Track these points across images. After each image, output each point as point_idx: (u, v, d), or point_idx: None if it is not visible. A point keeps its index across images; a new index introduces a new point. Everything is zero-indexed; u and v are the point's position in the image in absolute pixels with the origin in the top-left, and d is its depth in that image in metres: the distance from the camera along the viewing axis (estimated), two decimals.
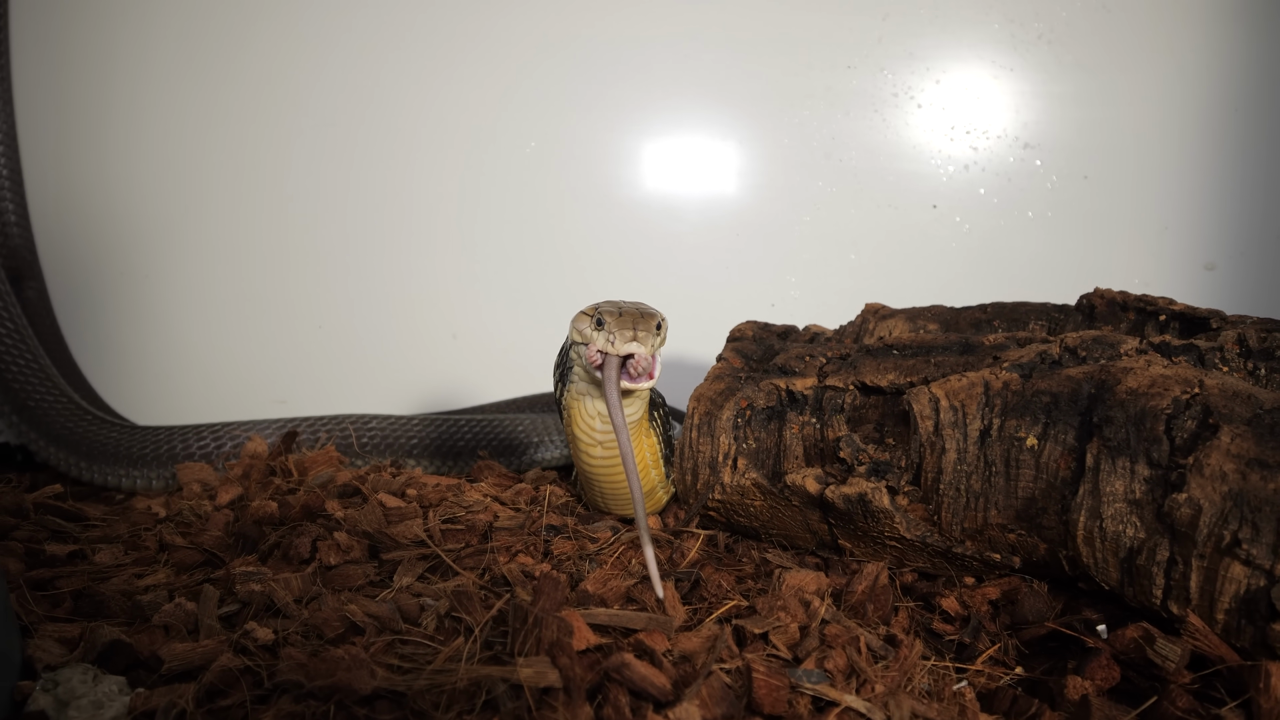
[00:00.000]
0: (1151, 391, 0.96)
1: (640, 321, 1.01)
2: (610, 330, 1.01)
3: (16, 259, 1.81)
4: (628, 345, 0.99)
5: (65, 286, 1.89)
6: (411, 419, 1.66)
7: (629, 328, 1.00)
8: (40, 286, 1.86)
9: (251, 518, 1.18)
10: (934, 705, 0.80)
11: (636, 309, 1.04)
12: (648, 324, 1.01)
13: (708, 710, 0.75)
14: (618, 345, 1.00)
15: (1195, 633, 0.85)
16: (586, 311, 1.06)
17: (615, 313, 1.03)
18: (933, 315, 1.43)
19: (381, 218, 1.93)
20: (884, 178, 1.93)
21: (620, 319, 1.01)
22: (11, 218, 1.81)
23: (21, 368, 1.59)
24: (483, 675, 0.78)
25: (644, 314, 1.03)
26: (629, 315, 1.02)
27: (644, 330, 1.00)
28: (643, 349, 1.00)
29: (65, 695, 0.81)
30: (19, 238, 1.82)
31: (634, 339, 1.00)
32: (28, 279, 1.83)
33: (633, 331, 1.00)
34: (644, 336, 1.00)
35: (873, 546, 1.12)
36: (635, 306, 1.06)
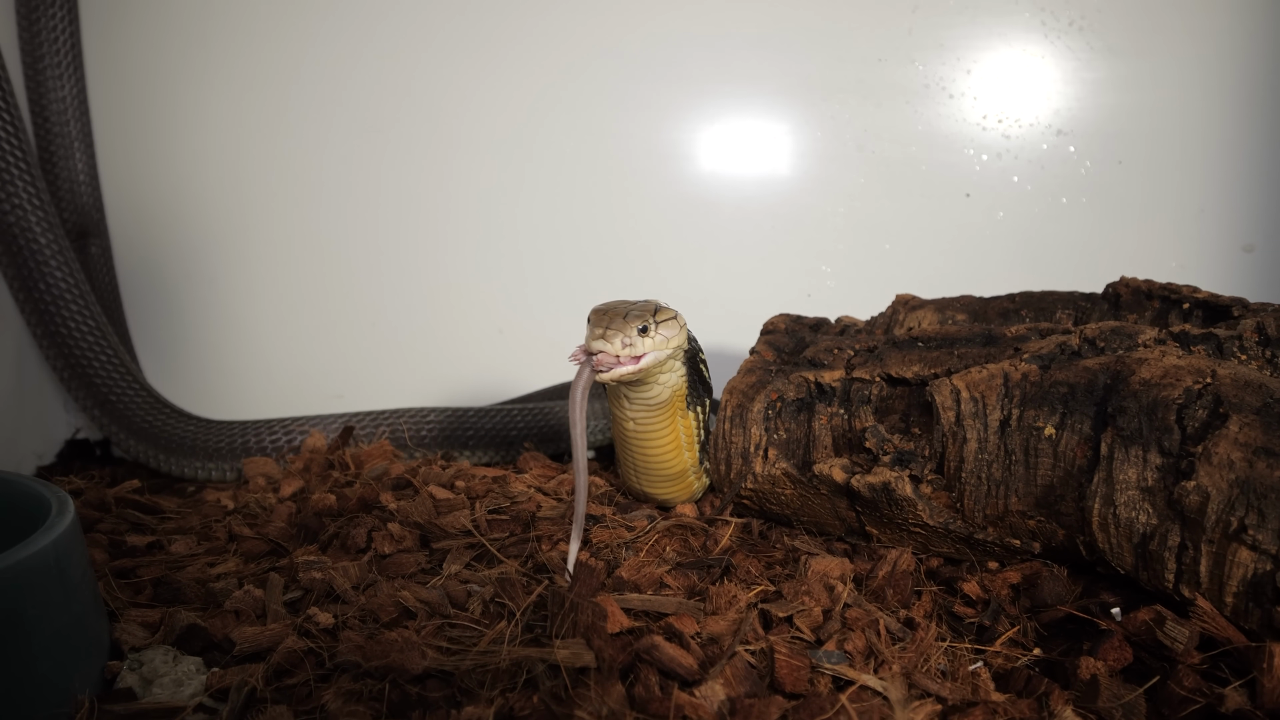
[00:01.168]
0: (1164, 382, 0.99)
1: (614, 320, 1.07)
2: (588, 331, 1.08)
3: (84, 217, 1.89)
4: (593, 343, 1.05)
5: (133, 291, 2.00)
6: (461, 411, 1.73)
7: (601, 326, 1.06)
8: (105, 245, 1.95)
9: (312, 510, 1.26)
10: (948, 684, 0.85)
11: (622, 309, 1.10)
12: (622, 323, 1.06)
13: (732, 688, 0.81)
14: (586, 342, 1.07)
15: (1203, 615, 0.88)
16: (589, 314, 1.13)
17: (601, 312, 1.09)
18: (961, 305, 1.46)
19: (430, 217, 2.01)
20: (917, 168, 1.95)
21: (599, 317, 1.08)
22: (81, 176, 1.90)
23: (103, 363, 1.70)
24: (523, 656, 0.84)
25: (626, 313, 1.08)
26: (606, 314, 1.08)
27: (614, 329, 1.05)
28: (608, 346, 1.05)
29: (149, 674, 0.90)
30: (88, 196, 1.90)
31: (601, 337, 1.05)
32: (93, 237, 1.92)
33: (603, 330, 1.06)
34: (612, 335, 1.05)
35: (898, 533, 1.17)
36: (625, 306, 1.11)
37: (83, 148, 1.89)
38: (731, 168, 1.99)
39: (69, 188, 1.88)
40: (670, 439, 1.23)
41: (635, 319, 1.08)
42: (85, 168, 1.90)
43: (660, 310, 1.13)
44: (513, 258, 2.03)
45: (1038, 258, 1.94)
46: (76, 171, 1.88)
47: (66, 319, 1.66)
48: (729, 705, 0.78)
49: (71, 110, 1.86)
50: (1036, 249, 1.94)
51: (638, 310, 1.10)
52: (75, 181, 1.88)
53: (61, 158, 1.86)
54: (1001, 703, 0.83)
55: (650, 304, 1.14)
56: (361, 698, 0.83)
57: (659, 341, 1.10)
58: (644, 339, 1.08)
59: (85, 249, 1.90)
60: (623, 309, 1.10)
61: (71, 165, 1.88)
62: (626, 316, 1.08)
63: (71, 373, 1.69)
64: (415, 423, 1.70)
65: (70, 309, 1.66)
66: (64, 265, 1.64)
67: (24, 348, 1.77)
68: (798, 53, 1.93)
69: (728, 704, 0.78)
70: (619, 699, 0.78)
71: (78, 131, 1.87)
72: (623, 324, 1.06)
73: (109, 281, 1.95)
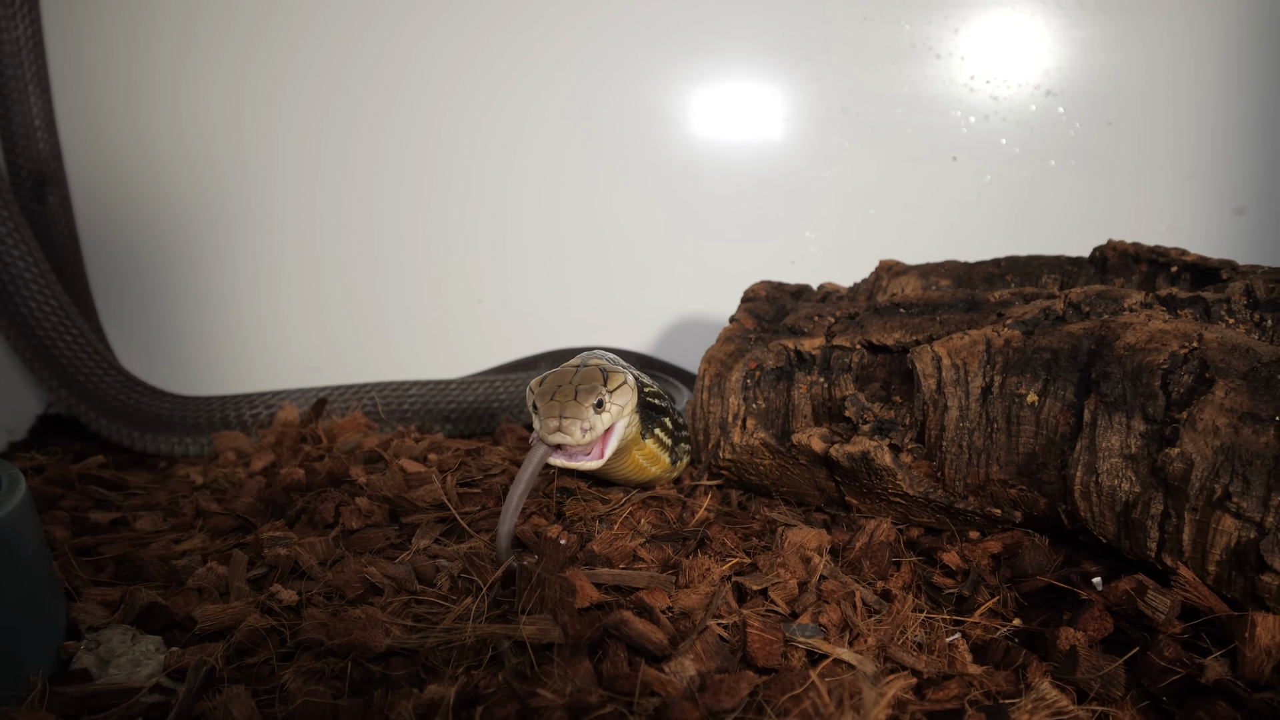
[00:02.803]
0: (1149, 346, 0.96)
1: (567, 405, 0.95)
2: (540, 417, 0.95)
3: (41, 165, 1.81)
4: (552, 436, 0.93)
5: (102, 266, 1.95)
6: (437, 384, 1.70)
7: (554, 415, 0.94)
8: (64, 195, 1.87)
9: (280, 484, 1.23)
10: (923, 657, 0.83)
11: (568, 384, 0.98)
12: (578, 407, 0.95)
13: (702, 664, 0.79)
14: (542, 433, 0.94)
15: (1185, 584, 0.86)
16: (532, 388, 1.01)
17: (547, 395, 0.97)
18: (946, 271, 1.43)
19: (407, 184, 1.96)
20: (903, 130, 1.91)
21: (550, 405, 0.95)
22: (37, 122, 1.81)
23: (68, 343, 1.66)
24: (488, 633, 0.82)
25: (576, 390, 0.97)
26: (561, 399, 0.96)
27: (570, 417, 0.94)
28: (569, 438, 0.93)
29: (106, 654, 0.87)
30: (44, 143, 1.82)
31: (558, 429, 0.93)
32: (51, 186, 1.83)
33: (558, 421, 0.93)
34: (569, 424, 0.93)
35: (878, 503, 1.15)
36: (570, 378, 0.99)
37: (38, 91, 1.80)
38: (714, 131, 1.94)
39: (24, 134, 1.79)
40: (632, 466, 1.14)
41: (587, 394, 0.96)
42: (41, 112, 1.81)
43: (609, 375, 1.00)
44: (492, 226, 1.99)
45: (1026, 222, 1.91)
46: (32, 116, 1.79)
47: (26, 299, 1.60)
48: (698, 681, 0.75)
49: (26, 51, 1.77)
50: (1024, 213, 1.91)
51: (586, 384, 0.98)
52: (30, 127, 1.79)
53: (16, 101, 1.77)
54: (978, 675, 0.81)
55: (594, 369, 1.02)
56: (323, 676, 0.81)
57: (615, 411, 0.98)
58: (601, 415, 0.96)
59: (43, 198, 1.82)
60: (569, 383, 0.98)
61: (27, 110, 1.78)
62: (578, 395, 0.96)
63: (34, 353, 1.64)
64: (391, 396, 1.67)
65: (30, 289, 1.60)
66: (20, 244, 1.59)
67: None
68: (780, 11, 1.88)
69: (697, 679, 0.76)
70: (586, 675, 0.76)
71: (33, 74, 1.78)
72: (576, 407, 0.94)
73: (68, 234, 1.87)
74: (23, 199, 1.80)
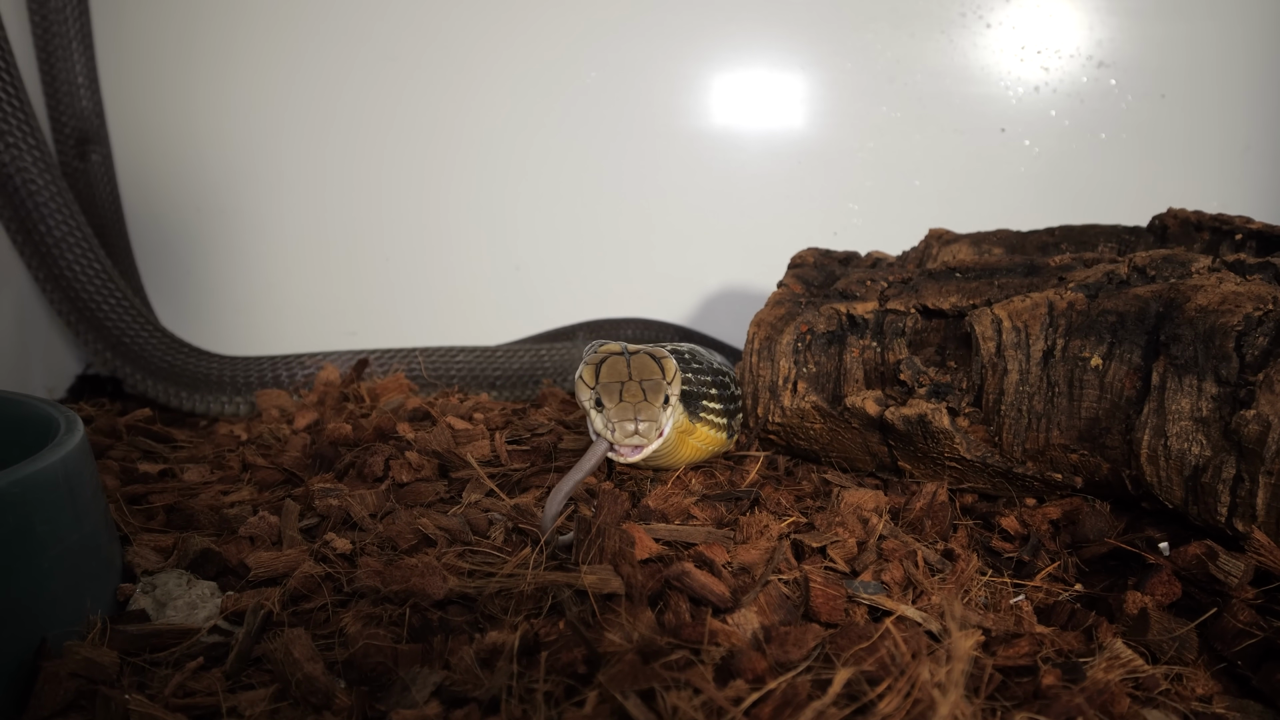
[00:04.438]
0: (1222, 309, 0.94)
1: (640, 406, 0.90)
2: (609, 418, 0.90)
3: (84, 122, 1.81)
4: (628, 440, 0.89)
5: (144, 228, 1.96)
6: (480, 350, 1.69)
7: (629, 419, 0.89)
8: (106, 153, 1.88)
9: (327, 439, 1.23)
10: (990, 616, 0.81)
11: (633, 380, 0.93)
12: (651, 406, 0.91)
13: (765, 616, 0.78)
14: (617, 437, 0.90)
15: (1260, 548, 0.84)
16: (585, 379, 0.95)
17: (615, 395, 0.92)
18: (998, 240, 1.40)
19: (445, 152, 1.95)
20: (950, 101, 1.88)
21: (620, 407, 0.90)
22: (80, 79, 1.81)
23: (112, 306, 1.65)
24: (548, 581, 0.81)
25: (648, 390, 0.92)
26: (630, 400, 0.91)
27: (646, 419, 0.89)
28: (645, 441, 0.89)
29: (163, 597, 0.87)
30: (87, 100, 1.82)
31: (635, 432, 0.89)
32: (94, 144, 1.84)
33: (634, 424, 0.89)
34: (647, 428, 0.89)
35: (932, 468, 1.13)
36: (640, 377, 0.94)
37: (81, 49, 1.80)
38: (757, 101, 1.92)
39: (67, 91, 1.80)
40: (688, 453, 1.09)
41: (655, 392, 0.92)
42: (85, 70, 1.81)
43: (664, 364, 0.97)
44: (531, 193, 1.97)
45: (1074, 196, 1.87)
46: (75, 74, 1.80)
47: (70, 261, 1.60)
48: (764, 632, 0.74)
49: (70, 8, 1.77)
50: (1073, 187, 1.88)
51: (649, 379, 0.94)
52: (74, 84, 1.80)
53: (59, 59, 1.78)
54: (1047, 634, 0.80)
55: (647, 359, 0.97)
56: (381, 622, 0.80)
57: (675, 402, 0.96)
58: (667, 409, 0.93)
59: (85, 156, 1.82)
60: (634, 379, 0.93)
61: (70, 67, 1.79)
62: (646, 393, 0.92)
63: (77, 314, 1.64)
64: (432, 360, 1.66)
65: (73, 251, 1.60)
66: (62, 207, 1.58)
67: (25, 285, 1.73)
68: None
69: (762, 631, 0.75)
70: (649, 624, 0.75)
71: (76, 31, 1.78)
72: (649, 408, 0.90)
73: (110, 193, 1.87)
74: (65, 156, 1.80)
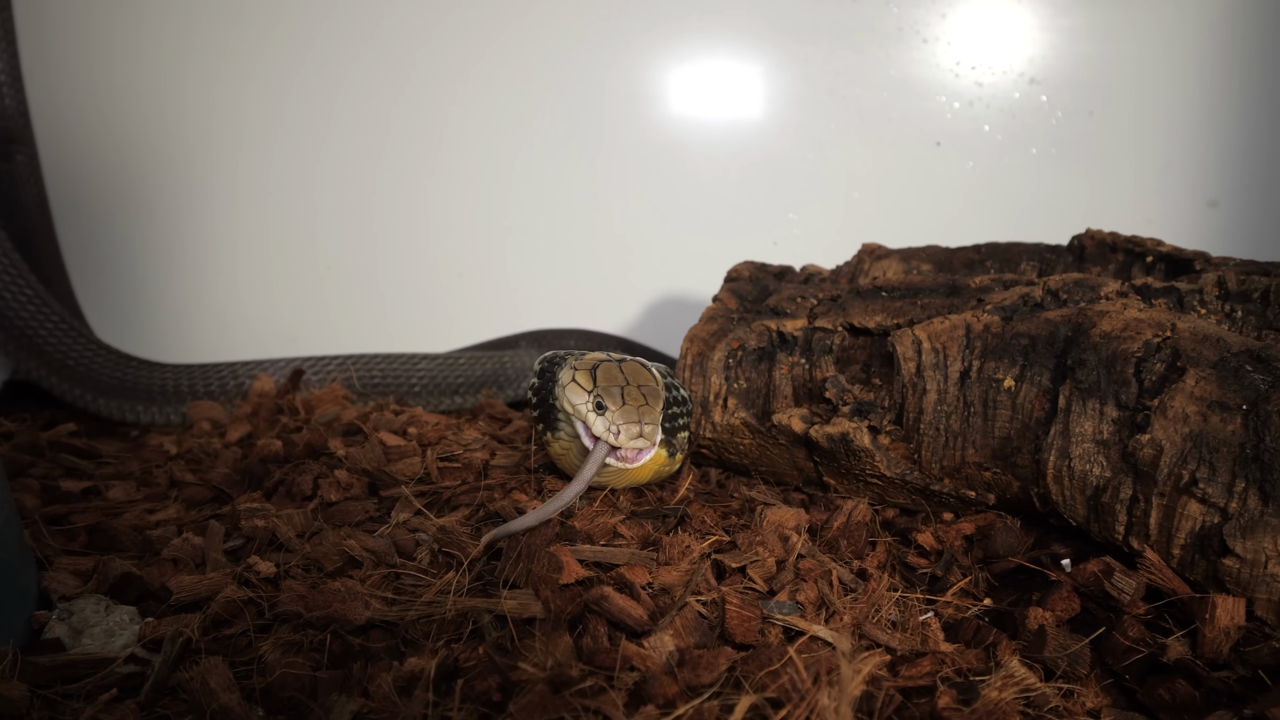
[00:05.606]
0: (1124, 335, 0.97)
1: (646, 411, 0.91)
2: (613, 421, 0.91)
3: (7, 122, 1.75)
4: (633, 442, 0.90)
5: (74, 231, 1.92)
6: (416, 357, 1.69)
7: (634, 420, 0.90)
8: (31, 154, 1.81)
9: (257, 455, 1.23)
10: (897, 634, 0.84)
11: (640, 388, 0.94)
12: (653, 410, 0.92)
13: (681, 639, 0.80)
14: (622, 439, 0.90)
15: (1150, 567, 0.88)
16: (581, 383, 0.95)
17: (618, 398, 0.93)
18: (927, 256, 1.44)
19: (387, 156, 1.94)
20: (888, 114, 1.92)
21: (625, 410, 0.91)
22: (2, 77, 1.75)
23: (32, 312, 1.61)
24: (469, 607, 0.82)
25: (648, 395, 0.93)
26: (633, 403, 0.92)
27: (650, 422, 0.91)
28: (649, 444, 0.91)
29: (79, 624, 0.87)
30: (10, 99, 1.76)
31: (639, 435, 0.90)
32: (18, 144, 1.77)
33: (639, 426, 0.90)
34: (650, 430, 0.90)
35: (855, 483, 1.16)
36: (638, 383, 0.95)
37: (4, 46, 1.75)
38: (699, 112, 1.94)
39: None
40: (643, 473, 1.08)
41: (655, 397, 0.94)
42: (7, 68, 1.75)
43: (654, 371, 0.99)
44: (475, 200, 1.97)
45: (1006, 208, 1.92)
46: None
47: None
48: (678, 656, 0.76)
49: None
50: (1005, 199, 1.93)
51: (648, 385, 0.95)
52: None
53: None
54: (950, 653, 0.83)
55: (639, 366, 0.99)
56: (302, 648, 0.81)
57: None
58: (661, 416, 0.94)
59: (9, 156, 1.76)
60: (635, 385, 0.95)
61: None
62: (647, 398, 0.93)
63: None
64: (368, 368, 1.66)
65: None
66: None
67: None
68: None
69: (676, 654, 0.77)
70: (566, 650, 0.77)
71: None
72: (652, 412, 0.92)
73: (37, 194, 1.82)
74: None
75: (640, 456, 0.92)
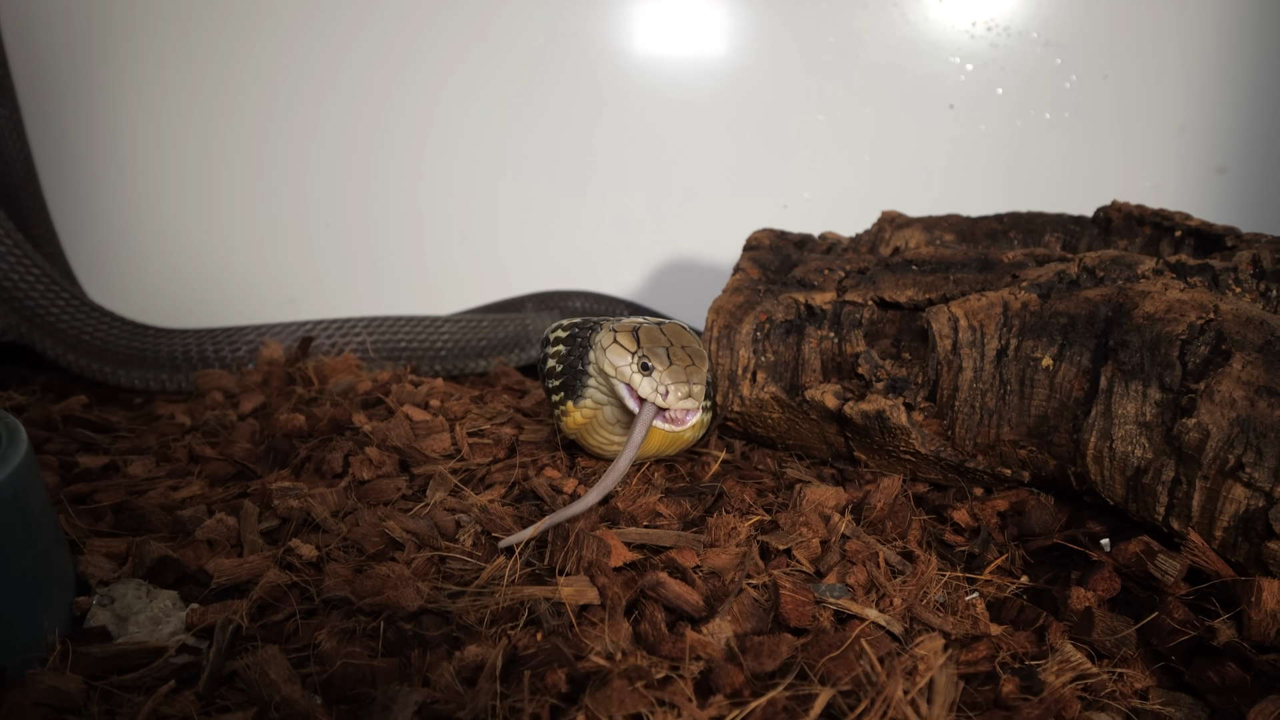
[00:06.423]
0: (1168, 316, 0.98)
1: (693, 371, 0.90)
2: (661, 381, 0.89)
3: None
4: (682, 402, 0.88)
5: (62, 191, 1.85)
6: (439, 320, 1.66)
7: (683, 381, 0.89)
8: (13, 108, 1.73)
9: (280, 430, 1.20)
10: (950, 618, 0.85)
11: (684, 348, 0.93)
12: (700, 370, 0.91)
13: (739, 625, 0.80)
14: (670, 400, 0.89)
15: (1195, 549, 0.89)
16: (624, 344, 0.94)
17: (664, 358, 0.91)
18: (949, 225, 1.43)
19: (389, 115, 1.89)
20: (900, 76, 1.89)
21: (672, 370, 0.90)
22: None
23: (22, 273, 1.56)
24: (525, 594, 0.82)
25: (693, 356, 0.92)
26: (680, 364, 0.90)
27: (697, 382, 0.89)
28: (697, 405, 0.89)
29: (123, 610, 0.85)
30: None
31: (688, 395, 0.88)
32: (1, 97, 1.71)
33: (687, 386, 0.88)
34: (698, 391, 0.89)
35: (887, 459, 1.16)
36: (681, 343, 0.94)
37: None
38: (708, 70, 1.90)
39: None
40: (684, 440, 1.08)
41: (700, 358, 0.92)
42: None
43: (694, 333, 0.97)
44: (480, 161, 1.93)
45: (1017, 173, 1.91)
46: None
47: None
48: (738, 643, 0.76)
49: None
50: (1017, 165, 1.91)
51: (693, 345, 0.94)
52: None
53: None
54: (1000, 635, 0.84)
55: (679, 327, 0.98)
56: (355, 636, 0.80)
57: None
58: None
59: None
60: (679, 346, 0.93)
61: None
62: (693, 358, 0.92)
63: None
64: (387, 332, 1.62)
65: None
66: None
67: None
68: None
69: (736, 641, 0.77)
70: (626, 638, 0.77)
71: None
72: (697, 370, 0.90)
73: (21, 152, 1.75)
74: None
75: (688, 418, 0.91)
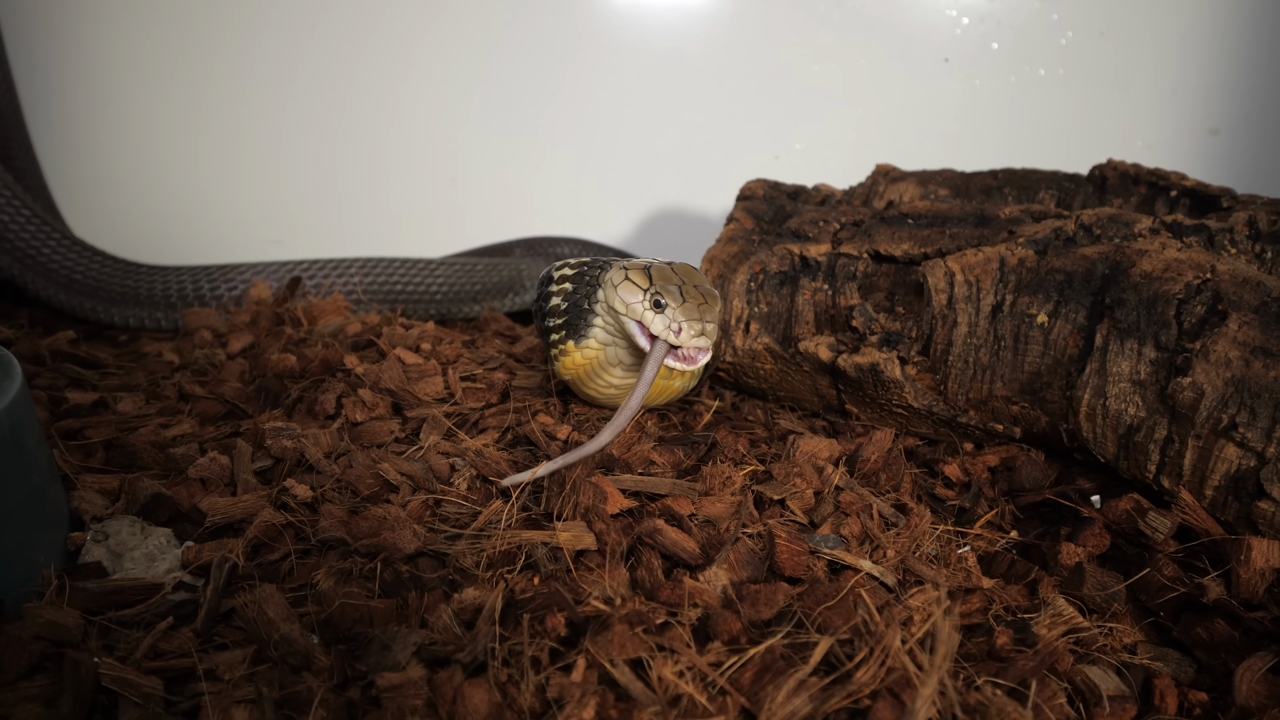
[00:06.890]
0: (1165, 276, 0.98)
1: (706, 309, 0.89)
2: (674, 317, 0.88)
3: None
4: (695, 340, 0.87)
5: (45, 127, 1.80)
6: (434, 263, 1.64)
7: (696, 319, 0.87)
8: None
9: (271, 370, 1.19)
10: (942, 570, 0.86)
11: (696, 287, 0.91)
12: (712, 309, 0.89)
13: (734, 573, 0.81)
14: (684, 338, 0.88)
15: (1185, 507, 0.91)
16: (635, 281, 0.92)
17: (678, 295, 0.90)
18: (943, 180, 1.42)
19: (378, 57, 1.84)
20: (895, 27, 1.87)
21: (685, 307, 0.88)
22: None
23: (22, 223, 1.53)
24: (522, 539, 0.82)
25: (705, 295, 0.91)
26: (693, 301, 0.89)
27: (710, 320, 0.88)
28: (709, 343, 0.88)
29: (118, 547, 0.85)
30: None
31: (701, 333, 0.87)
32: None
33: (700, 324, 0.87)
34: (711, 329, 0.88)
35: (879, 412, 1.17)
36: (694, 282, 0.92)
37: None
38: (699, 16, 1.86)
39: None
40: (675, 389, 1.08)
41: (712, 297, 0.91)
42: None
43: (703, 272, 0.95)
44: (468, 104, 1.89)
45: (1011, 129, 1.90)
46: None
47: None
48: (735, 590, 0.77)
49: None
50: (1011, 120, 1.90)
51: (705, 284, 0.93)
52: None
53: None
54: (993, 588, 0.85)
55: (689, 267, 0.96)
56: (352, 576, 0.80)
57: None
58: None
59: None
60: (692, 284, 0.91)
61: None
62: (705, 296, 0.90)
63: None
64: (380, 274, 1.60)
65: None
66: None
67: None
68: None
69: (733, 589, 0.77)
70: (623, 583, 0.77)
71: None
72: (710, 308, 0.89)
73: (4, 86, 1.71)
74: None
75: (700, 357, 0.90)
